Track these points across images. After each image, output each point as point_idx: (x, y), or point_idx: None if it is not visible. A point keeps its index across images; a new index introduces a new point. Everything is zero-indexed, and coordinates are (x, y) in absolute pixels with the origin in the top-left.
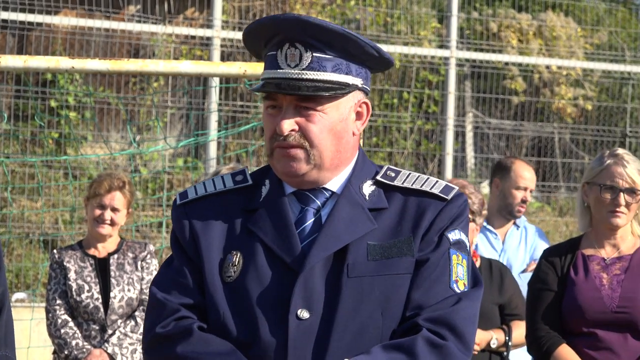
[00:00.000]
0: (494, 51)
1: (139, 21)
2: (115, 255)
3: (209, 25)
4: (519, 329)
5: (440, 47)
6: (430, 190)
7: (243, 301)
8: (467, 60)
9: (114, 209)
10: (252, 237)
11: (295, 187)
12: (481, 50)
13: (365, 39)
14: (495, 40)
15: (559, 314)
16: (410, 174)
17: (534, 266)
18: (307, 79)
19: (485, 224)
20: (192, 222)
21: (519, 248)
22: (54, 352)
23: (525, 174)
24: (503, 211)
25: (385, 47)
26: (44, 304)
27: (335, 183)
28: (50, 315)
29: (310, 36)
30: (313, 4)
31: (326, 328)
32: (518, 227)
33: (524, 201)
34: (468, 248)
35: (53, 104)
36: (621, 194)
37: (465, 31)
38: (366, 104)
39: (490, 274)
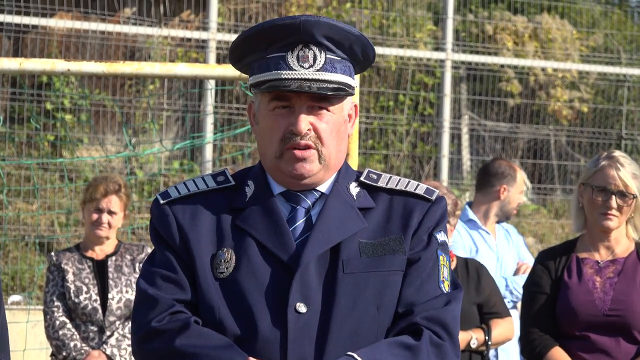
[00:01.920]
0: (489, 53)
1: (134, 24)
2: (113, 258)
3: (204, 27)
4: (498, 328)
5: (436, 49)
6: (414, 191)
7: (238, 297)
8: (462, 62)
9: (110, 212)
10: (243, 234)
11: (295, 188)
12: (477, 52)
13: (371, 43)
14: (490, 43)
15: (553, 317)
16: (391, 176)
17: (524, 267)
18: (324, 79)
19: (481, 225)
20: (178, 219)
21: (508, 248)
22: (52, 354)
23: (524, 180)
24: (502, 215)
25: (381, 50)
26: (39, 307)
27: (324, 184)
28: (48, 317)
29: (327, 38)
30: (309, 7)
31: (324, 322)
32: (503, 227)
33: (518, 204)
34: (449, 250)
35: (49, 106)
36: (613, 196)
37: (461, 33)
38: (355, 105)
39: (467, 273)
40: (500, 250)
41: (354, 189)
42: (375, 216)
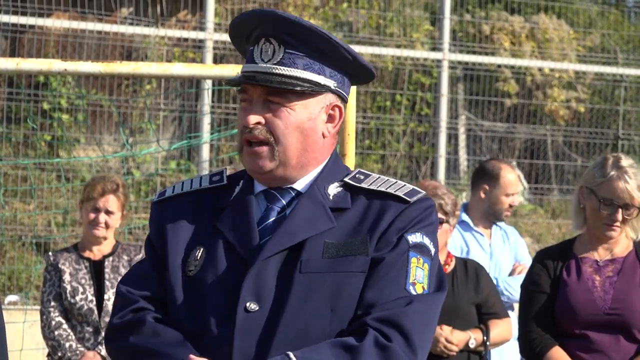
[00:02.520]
0: (486, 54)
1: (131, 24)
2: (110, 258)
3: (201, 27)
4: (497, 328)
5: (433, 49)
6: (393, 193)
7: (200, 294)
8: (459, 62)
9: (108, 212)
10: (216, 233)
11: (266, 185)
12: (474, 52)
13: (338, 40)
14: (487, 43)
15: (552, 316)
16: (379, 177)
17: (519, 268)
18: (277, 73)
19: (473, 226)
20: (163, 219)
21: (503, 248)
22: (48, 355)
23: (512, 180)
24: (490, 216)
25: (377, 50)
26: (36, 307)
27: (301, 183)
28: (44, 317)
29: (284, 32)
30: (305, 7)
31: (273, 321)
32: (500, 227)
33: (511, 206)
34: (433, 253)
35: (45, 106)
36: (619, 209)
37: (458, 34)
38: (339, 107)
39: (465, 273)
40: (495, 251)
41: (333, 189)
42: (349, 217)
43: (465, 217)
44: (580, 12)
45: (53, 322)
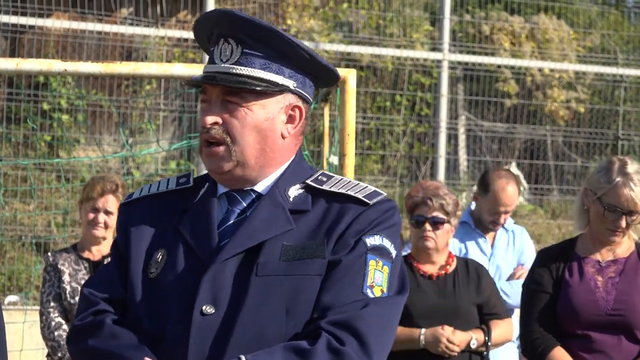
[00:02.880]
0: (486, 54)
1: (131, 24)
2: (109, 258)
3: None
4: (498, 329)
5: (433, 49)
6: (353, 195)
7: (159, 297)
8: (459, 62)
9: (107, 212)
10: (178, 235)
11: (228, 187)
12: (474, 53)
13: (296, 40)
14: (487, 43)
15: (554, 316)
16: (342, 179)
17: (520, 271)
18: (234, 73)
19: (474, 227)
20: (129, 221)
21: (507, 251)
22: (48, 355)
23: (501, 199)
24: (484, 222)
25: (377, 50)
26: (36, 307)
27: (262, 184)
28: (44, 317)
29: (241, 32)
30: (305, 7)
31: (228, 324)
32: (507, 230)
33: (495, 222)
34: (394, 255)
35: (45, 106)
36: (623, 216)
37: (458, 34)
38: (299, 108)
39: (467, 273)
40: (497, 254)
41: (294, 191)
42: (308, 220)
43: (466, 217)
44: (580, 12)
45: (53, 323)
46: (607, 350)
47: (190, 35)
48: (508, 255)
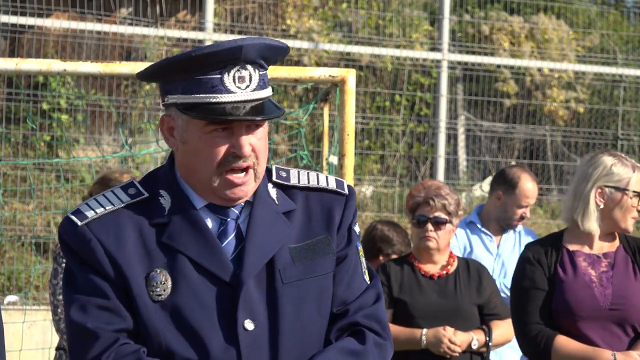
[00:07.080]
0: (485, 54)
1: (130, 24)
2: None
3: (200, 28)
4: (499, 329)
5: (432, 49)
6: (327, 187)
7: (182, 320)
8: (459, 62)
9: None
10: (173, 252)
11: (214, 202)
12: (473, 53)
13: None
14: (487, 43)
15: (549, 312)
16: (299, 171)
17: None
18: (261, 98)
19: (480, 227)
20: (102, 243)
21: (513, 251)
22: (57, 348)
23: (529, 192)
24: (501, 222)
25: (377, 50)
26: (36, 307)
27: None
28: (59, 310)
29: (262, 57)
30: (305, 7)
31: (273, 335)
32: (515, 231)
33: (522, 217)
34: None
35: (45, 106)
36: None
37: (457, 34)
38: None
39: (468, 274)
40: (503, 253)
41: (271, 190)
42: (298, 217)
43: (474, 217)
44: (580, 12)
45: None
46: (605, 344)
47: (189, 35)
48: (514, 255)
